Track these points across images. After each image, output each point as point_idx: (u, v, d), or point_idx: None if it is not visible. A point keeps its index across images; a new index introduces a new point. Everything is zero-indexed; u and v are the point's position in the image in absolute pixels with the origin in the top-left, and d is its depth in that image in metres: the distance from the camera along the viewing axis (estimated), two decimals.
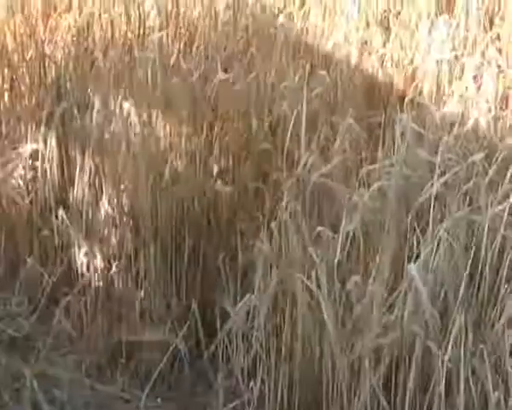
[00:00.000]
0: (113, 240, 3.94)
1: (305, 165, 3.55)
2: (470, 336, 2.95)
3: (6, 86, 5.25)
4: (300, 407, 3.22)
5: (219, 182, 3.86)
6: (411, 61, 4.64)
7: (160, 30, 4.92)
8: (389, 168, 3.48)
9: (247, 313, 3.29)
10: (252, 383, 3.24)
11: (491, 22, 4.90)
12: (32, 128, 4.53)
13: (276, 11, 5.55)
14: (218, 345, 3.39)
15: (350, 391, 3.03)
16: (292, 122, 3.83)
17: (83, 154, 4.52)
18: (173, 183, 3.93)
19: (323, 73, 4.33)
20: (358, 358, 3.02)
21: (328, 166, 3.48)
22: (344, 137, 3.65)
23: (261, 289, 3.27)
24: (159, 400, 3.52)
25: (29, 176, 4.45)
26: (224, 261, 3.63)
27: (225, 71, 4.31)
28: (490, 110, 4.10)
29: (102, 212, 4.03)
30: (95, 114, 4.39)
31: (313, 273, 3.13)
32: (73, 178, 4.40)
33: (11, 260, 4.37)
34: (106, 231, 3.98)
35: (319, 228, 3.28)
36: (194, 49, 4.74)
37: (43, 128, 4.39)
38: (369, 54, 4.82)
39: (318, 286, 3.10)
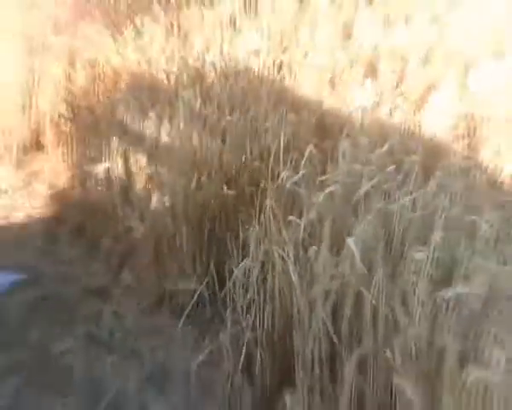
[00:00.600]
0: (159, 224, 3.93)
1: (282, 177, 3.56)
2: (386, 282, 2.95)
3: None
4: (279, 330, 3.21)
5: (226, 188, 3.84)
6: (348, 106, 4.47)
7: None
8: (336, 178, 3.48)
9: (245, 271, 3.28)
10: (248, 316, 3.23)
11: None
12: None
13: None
14: (227, 292, 3.35)
15: (309, 320, 3.03)
16: (274, 148, 3.80)
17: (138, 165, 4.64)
18: (197, 189, 3.90)
19: (293, 115, 4.25)
20: (314, 298, 3.03)
21: (296, 177, 3.50)
22: (307, 157, 3.62)
23: (254, 257, 3.30)
24: (190, 326, 3.51)
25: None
26: (231, 238, 3.56)
27: (230, 115, 4.29)
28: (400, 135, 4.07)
29: (153, 204, 4.06)
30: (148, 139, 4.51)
31: (286, 247, 3.19)
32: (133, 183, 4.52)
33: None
34: (154, 218, 4.01)
35: (290, 217, 3.29)
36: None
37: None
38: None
39: (288, 254, 3.15)
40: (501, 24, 5.23)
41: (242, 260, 3.36)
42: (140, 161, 4.45)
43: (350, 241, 3.05)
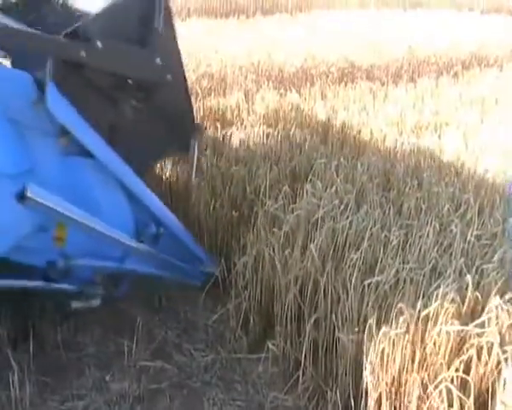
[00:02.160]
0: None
1: (268, 205, 3.54)
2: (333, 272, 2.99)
3: None
4: (265, 301, 3.22)
5: (233, 211, 3.77)
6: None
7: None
8: (301, 206, 3.46)
9: (244, 264, 3.28)
10: (245, 292, 3.21)
11: None
12: None
13: None
14: (232, 277, 3.33)
15: (285, 296, 3.05)
16: (263, 187, 3.80)
17: None
18: (214, 211, 3.78)
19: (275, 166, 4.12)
20: (289, 281, 3.05)
21: (276, 205, 3.54)
22: (283, 193, 3.66)
23: (249, 254, 3.29)
24: (209, 298, 3.42)
25: None
26: (235, 243, 3.52)
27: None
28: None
29: None
30: None
31: (272, 247, 3.23)
32: None
33: None
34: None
35: (274, 229, 3.33)
36: None
37: None
38: None
39: (274, 252, 3.19)
40: None
41: (242, 256, 3.34)
42: None
43: (311, 246, 3.11)
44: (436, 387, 2.48)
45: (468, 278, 2.82)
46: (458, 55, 8.66)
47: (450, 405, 2.42)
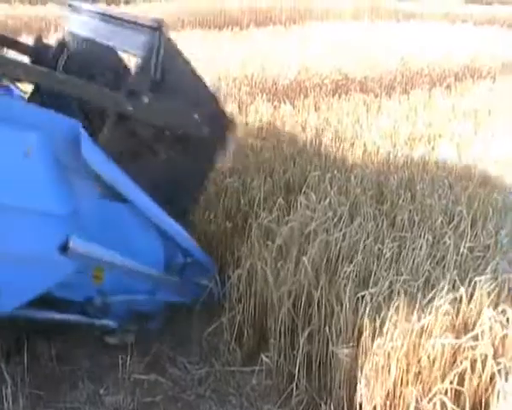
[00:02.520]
0: None
1: (262, 217, 3.56)
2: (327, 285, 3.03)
3: None
4: (258, 314, 3.23)
5: (227, 222, 3.78)
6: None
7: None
8: (295, 219, 3.47)
9: (238, 276, 3.28)
10: (239, 305, 3.22)
11: None
12: None
13: None
14: (226, 289, 3.34)
15: (279, 310, 3.07)
16: (257, 199, 3.84)
17: None
18: (209, 222, 3.80)
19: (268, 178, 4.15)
20: (283, 294, 3.07)
21: (270, 217, 3.56)
22: (277, 205, 3.68)
23: (243, 267, 3.30)
24: (203, 310, 3.36)
25: None
26: (229, 255, 3.54)
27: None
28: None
29: None
30: None
31: (265, 260, 3.24)
32: None
33: None
34: None
35: (268, 242, 3.34)
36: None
37: None
38: None
39: (267, 265, 3.20)
40: None
41: (236, 269, 3.34)
42: None
43: (305, 258, 3.10)
44: (430, 400, 2.50)
45: (462, 290, 2.86)
46: (451, 66, 8.73)
47: None
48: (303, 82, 6.76)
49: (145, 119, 3.09)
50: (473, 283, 2.94)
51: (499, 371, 2.60)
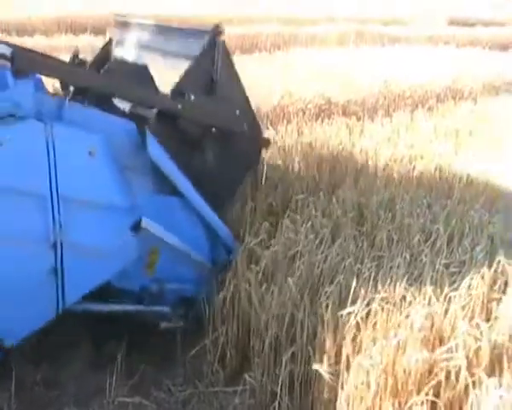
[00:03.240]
0: None
1: (247, 241, 3.65)
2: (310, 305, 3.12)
3: None
4: (241, 335, 3.33)
5: None
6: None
7: None
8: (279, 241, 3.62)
9: (223, 298, 3.38)
10: (223, 327, 3.34)
11: None
12: None
13: None
14: (211, 311, 3.43)
15: (264, 330, 3.17)
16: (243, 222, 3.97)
17: None
18: None
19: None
20: (267, 315, 3.17)
21: (255, 241, 3.68)
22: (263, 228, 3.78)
23: (228, 290, 3.41)
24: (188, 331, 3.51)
25: None
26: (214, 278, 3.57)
27: None
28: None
29: None
30: None
31: (249, 283, 3.37)
32: None
33: None
34: None
35: (251, 265, 3.46)
36: None
37: None
38: None
39: (250, 286, 3.34)
40: None
41: (221, 291, 3.42)
42: None
43: (290, 280, 3.22)
44: None
45: (436, 305, 2.98)
46: (433, 88, 8.90)
47: None
48: (286, 107, 6.85)
49: (192, 116, 3.47)
50: (448, 298, 3.06)
51: (473, 382, 2.69)
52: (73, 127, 3.08)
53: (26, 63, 3.11)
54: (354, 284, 3.14)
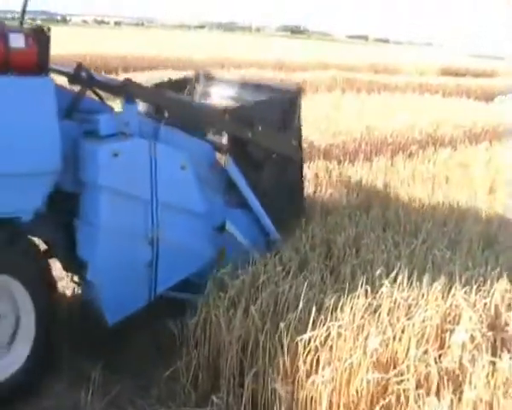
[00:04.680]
0: None
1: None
2: (273, 330, 3.34)
3: None
4: (212, 358, 3.51)
5: None
6: None
7: None
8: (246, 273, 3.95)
9: (195, 324, 3.59)
10: (195, 350, 3.52)
11: None
12: None
13: None
14: (184, 336, 3.64)
15: (228, 353, 3.43)
16: None
17: None
18: None
19: None
20: (232, 339, 3.38)
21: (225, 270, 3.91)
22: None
23: (200, 316, 3.61)
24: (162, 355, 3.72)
25: None
26: (187, 304, 3.78)
27: None
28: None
29: None
30: None
31: (218, 309, 3.57)
32: None
33: None
34: None
35: (221, 293, 3.66)
36: None
37: None
38: None
39: (219, 314, 3.57)
40: None
41: (193, 317, 3.64)
42: None
43: (252, 308, 3.48)
44: None
45: (389, 332, 3.26)
46: (415, 135, 9.29)
47: None
48: None
49: (258, 142, 4.37)
50: (403, 327, 3.34)
51: (422, 403, 2.95)
52: (170, 146, 3.80)
53: (134, 92, 3.83)
54: (315, 311, 3.39)
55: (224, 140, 4.40)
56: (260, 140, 4.39)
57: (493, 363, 3.14)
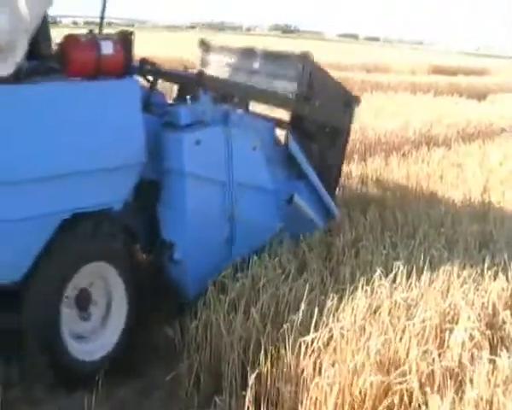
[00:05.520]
0: None
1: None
2: (275, 332, 3.44)
3: None
4: (214, 360, 3.54)
5: None
6: None
7: None
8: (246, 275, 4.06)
9: (196, 328, 3.65)
10: (196, 354, 3.56)
11: None
12: None
13: None
14: (185, 339, 3.70)
15: (231, 354, 3.44)
16: None
17: None
18: None
19: None
20: (234, 341, 3.44)
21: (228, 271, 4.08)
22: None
23: (200, 319, 3.65)
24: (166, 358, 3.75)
25: None
26: (187, 308, 3.85)
27: None
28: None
29: None
30: None
31: (218, 312, 3.65)
32: None
33: None
34: None
35: (220, 296, 3.74)
36: None
37: None
38: None
39: (220, 316, 3.59)
40: None
41: (194, 320, 3.70)
42: None
43: (253, 310, 3.55)
44: None
45: (391, 333, 3.32)
46: (408, 135, 9.37)
47: None
48: None
49: (315, 117, 4.74)
50: (403, 327, 3.41)
51: (425, 402, 3.00)
52: (240, 128, 4.17)
53: (208, 82, 4.21)
54: (317, 314, 3.46)
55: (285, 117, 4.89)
56: (317, 115, 4.76)
57: (493, 361, 3.21)
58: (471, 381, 3.07)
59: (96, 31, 3.93)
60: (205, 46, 5.69)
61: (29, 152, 3.13)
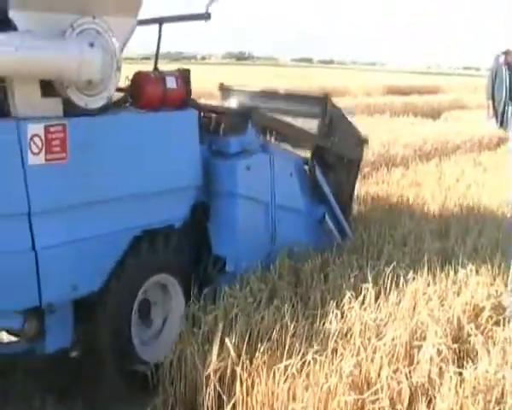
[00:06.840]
0: None
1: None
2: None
3: None
4: (189, 393, 3.56)
5: None
6: None
7: None
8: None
9: (170, 361, 3.65)
10: (171, 387, 3.58)
11: None
12: None
13: None
14: (160, 374, 3.68)
15: (206, 386, 3.41)
16: None
17: None
18: None
19: None
20: (209, 373, 3.42)
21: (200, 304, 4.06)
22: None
23: (174, 353, 3.66)
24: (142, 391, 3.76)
25: None
26: None
27: None
28: None
29: None
30: None
31: (192, 345, 3.65)
32: None
33: None
34: None
35: (194, 329, 3.78)
36: None
37: None
38: None
39: (194, 349, 3.60)
40: None
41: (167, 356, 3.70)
42: None
43: (227, 340, 3.52)
44: None
45: (363, 354, 3.44)
46: (368, 156, 9.54)
47: None
48: None
49: (334, 150, 5.42)
50: (374, 347, 3.54)
51: None
52: (280, 157, 4.85)
53: (258, 118, 4.81)
54: (289, 340, 3.56)
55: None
56: (337, 148, 5.43)
57: (460, 374, 3.36)
58: (440, 394, 3.20)
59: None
60: (225, 90, 6.23)
61: (109, 174, 3.63)
